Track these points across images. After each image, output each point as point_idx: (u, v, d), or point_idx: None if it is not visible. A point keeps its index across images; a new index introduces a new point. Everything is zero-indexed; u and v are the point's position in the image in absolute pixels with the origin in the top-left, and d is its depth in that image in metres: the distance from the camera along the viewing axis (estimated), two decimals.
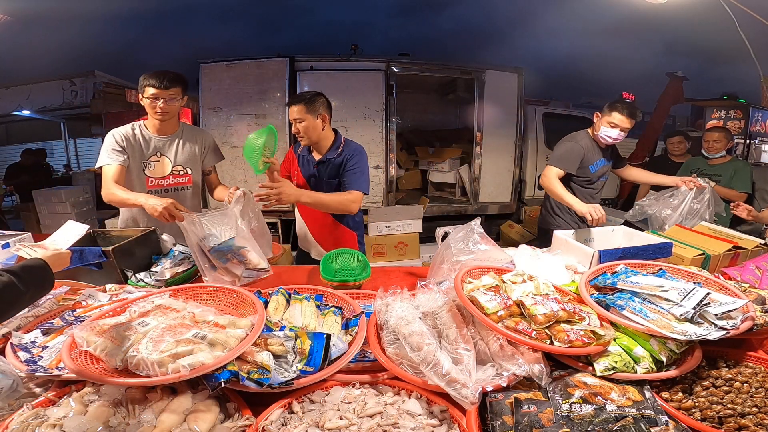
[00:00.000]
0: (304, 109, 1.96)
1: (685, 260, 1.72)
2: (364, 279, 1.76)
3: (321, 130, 2.03)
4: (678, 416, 0.94)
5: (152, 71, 1.88)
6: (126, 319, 1.13)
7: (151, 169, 2.01)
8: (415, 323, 1.11)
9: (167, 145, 2.03)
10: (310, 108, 1.97)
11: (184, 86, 1.94)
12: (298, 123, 1.98)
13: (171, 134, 2.04)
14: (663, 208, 2.35)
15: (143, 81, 1.88)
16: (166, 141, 2.03)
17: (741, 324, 1.10)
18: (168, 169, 2.04)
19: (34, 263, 1.11)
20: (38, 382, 1.04)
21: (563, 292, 1.32)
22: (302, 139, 2.04)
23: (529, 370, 1.01)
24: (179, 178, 2.08)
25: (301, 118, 1.97)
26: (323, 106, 2.02)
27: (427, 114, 6.82)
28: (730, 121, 9.72)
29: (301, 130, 1.99)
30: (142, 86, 1.89)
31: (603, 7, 6.51)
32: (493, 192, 5.43)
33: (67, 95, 6.80)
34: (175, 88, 1.89)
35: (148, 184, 2.02)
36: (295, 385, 1.02)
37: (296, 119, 1.98)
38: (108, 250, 1.61)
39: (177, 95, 1.92)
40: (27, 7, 4.78)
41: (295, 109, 1.97)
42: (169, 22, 12.45)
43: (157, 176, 2.03)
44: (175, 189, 2.08)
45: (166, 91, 1.87)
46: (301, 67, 4.58)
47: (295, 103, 1.98)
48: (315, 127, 2.00)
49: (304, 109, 1.96)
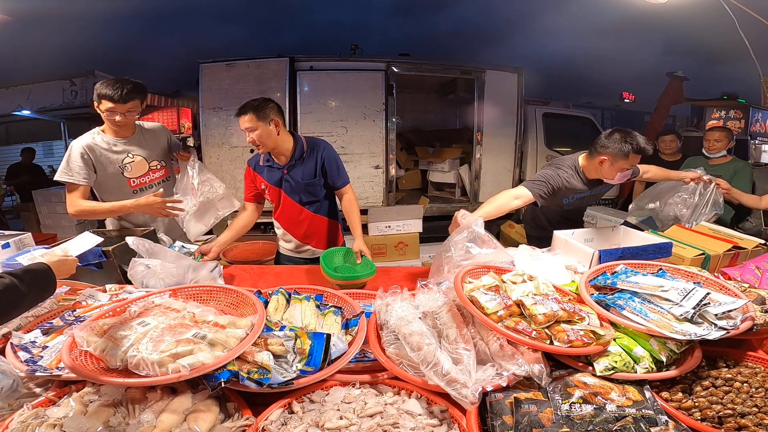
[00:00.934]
0: (254, 117, 1.87)
1: (685, 260, 1.72)
2: (368, 276, 1.76)
3: (276, 135, 1.96)
4: (678, 416, 0.94)
5: (107, 79, 1.83)
6: (126, 319, 1.13)
7: (129, 171, 2.02)
8: (415, 323, 1.11)
9: (134, 146, 2.03)
10: (261, 115, 1.88)
11: (142, 96, 1.91)
12: (251, 132, 1.90)
13: (132, 135, 2.04)
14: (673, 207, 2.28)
15: (98, 89, 1.82)
16: (130, 142, 2.03)
17: (741, 324, 1.10)
18: (145, 166, 2.06)
19: (37, 267, 1.11)
20: (38, 382, 1.04)
21: (563, 292, 1.32)
22: (259, 148, 1.98)
23: (529, 370, 1.01)
24: (158, 172, 2.12)
25: (253, 127, 1.89)
26: (274, 111, 1.93)
27: (427, 114, 6.82)
28: (730, 121, 9.73)
29: (256, 139, 1.92)
30: (97, 96, 1.83)
31: (603, 7, 6.51)
32: (493, 192, 5.36)
33: (67, 95, 6.79)
34: (134, 100, 1.86)
35: (130, 185, 2.03)
36: (295, 385, 1.02)
37: (248, 128, 1.90)
38: (108, 250, 1.61)
39: (135, 107, 1.89)
40: (27, 7, 4.78)
41: (246, 119, 1.89)
42: (169, 22, 12.44)
43: (138, 175, 2.05)
44: (157, 183, 2.11)
45: (123, 105, 1.84)
46: (301, 67, 4.58)
47: (244, 112, 1.89)
48: (269, 133, 1.92)
49: (254, 117, 1.87)
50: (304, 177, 2.07)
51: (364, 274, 1.77)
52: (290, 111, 4.54)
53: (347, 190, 2.15)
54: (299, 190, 2.11)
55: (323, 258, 1.87)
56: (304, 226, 2.20)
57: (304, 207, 2.15)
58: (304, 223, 2.19)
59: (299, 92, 4.55)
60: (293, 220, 2.20)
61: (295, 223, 2.20)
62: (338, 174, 2.11)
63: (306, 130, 4.60)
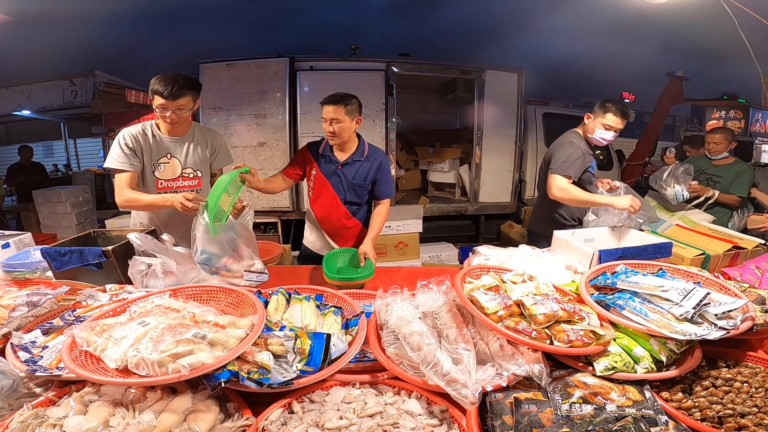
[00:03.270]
0: (343, 111, 1.97)
1: (685, 260, 1.73)
2: (365, 277, 1.76)
3: (353, 132, 2.07)
4: (678, 416, 0.94)
5: (161, 75, 1.80)
6: (126, 319, 1.13)
7: (161, 171, 1.97)
8: (415, 323, 1.11)
9: (178, 147, 1.99)
10: (350, 110, 1.99)
11: (195, 92, 1.87)
12: (335, 123, 1.98)
13: (182, 135, 2.00)
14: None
15: (151, 85, 1.81)
16: (177, 143, 1.99)
17: (741, 324, 1.10)
18: (178, 171, 2.00)
19: None
20: (38, 382, 1.04)
21: (563, 292, 1.32)
22: (334, 139, 2.04)
23: (529, 370, 1.01)
24: (189, 180, 2.04)
25: (338, 119, 1.97)
26: (359, 109, 2.05)
27: (427, 114, 6.82)
28: (730, 121, 9.73)
29: (337, 131, 2.00)
30: (150, 91, 1.82)
31: (603, 7, 6.51)
32: (493, 192, 5.42)
33: (67, 95, 6.80)
34: (185, 97, 1.81)
35: (157, 186, 1.98)
36: (295, 385, 1.02)
37: (333, 119, 1.98)
38: (108, 250, 1.61)
39: (187, 104, 1.85)
40: (27, 7, 4.78)
41: (334, 109, 1.97)
42: (169, 22, 12.44)
43: (167, 178, 1.99)
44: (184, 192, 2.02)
45: (174, 102, 1.79)
46: (301, 67, 4.58)
47: (336, 103, 1.97)
48: (350, 128, 2.03)
49: (343, 110, 1.97)
50: (356, 177, 2.13)
51: (361, 276, 1.77)
52: (290, 111, 4.54)
53: (386, 202, 2.21)
54: (346, 188, 2.15)
55: (326, 258, 1.88)
56: (339, 224, 2.22)
57: (345, 205, 2.19)
58: (340, 220, 2.21)
59: (299, 92, 4.54)
60: (330, 215, 2.22)
61: (331, 218, 2.22)
62: (386, 185, 2.20)
63: (306, 130, 4.60)
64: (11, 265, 1.68)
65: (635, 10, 4.20)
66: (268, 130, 4.59)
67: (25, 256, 1.75)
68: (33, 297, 1.34)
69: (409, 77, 5.03)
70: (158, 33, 12.48)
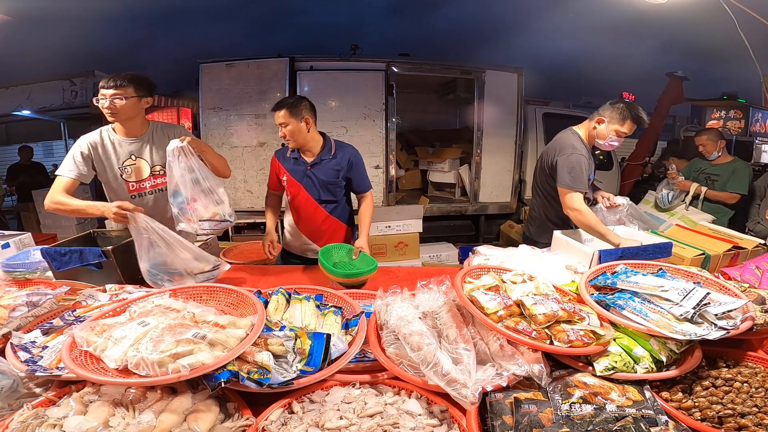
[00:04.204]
0: (288, 114, 2.02)
1: (685, 260, 1.73)
2: (370, 272, 1.76)
3: (306, 132, 2.09)
4: (678, 416, 0.94)
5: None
6: (126, 319, 1.13)
7: (128, 174, 1.95)
8: (415, 323, 1.11)
9: (140, 148, 1.96)
10: (294, 112, 2.03)
11: (139, 87, 1.85)
12: (284, 127, 2.05)
13: (141, 136, 1.96)
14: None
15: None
16: (138, 143, 1.95)
17: (741, 324, 1.10)
18: (146, 171, 1.98)
19: None
20: (38, 382, 1.04)
21: (563, 292, 1.32)
22: (289, 142, 2.10)
23: (529, 370, 1.01)
24: (161, 177, 2.00)
25: (285, 122, 2.03)
26: (306, 109, 2.07)
27: (427, 114, 6.82)
28: (730, 121, 9.73)
29: (288, 134, 2.05)
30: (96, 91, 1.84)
31: (602, 7, 6.50)
32: (493, 192, 5.43)
33: (67, 95, 6.78)
34: (124, 88, 1.80)
35: (129, 189, 1.96)
36: (295, 385, 1.02)
37: (281, 123, 2.05)
38: (108, 250, 1.61)
39: (125, 94, 1.82)
40: (27, 7, 4.77)
41: (280, 114, 2.03)
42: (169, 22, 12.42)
43: (137, 179, 1.97)
44: (159, 190, 2.01)
45: (108, 91, 1.80)
46: (301, 67, 4.58)
47: (279, 108, 2.04)
48: (300, 130, 2.06)
49: (288, 113, 2.02)
50: (327, 176, 2.16)
51: (366, 271, 1.75)
52: None
53: (368, 195, 2.26)
54: (319, 188, 2.17)
55: (321, 253, 1.87)
56: (317, 224, 2.23)
57: (321, 205, 2.20)
58: (317, 220, 2.23)
59: (299, 92, 4.54)
60: (307, 217, 2.24)
61: (308, 219, 2.23)
62: (362, 179, 2.25)
63: None
64: (11, 265, 1.68)
65: (635, 10, 4.20)
66: (268, 130, 4.59)
67: (25, 256, 1.75)
68: (33, 297, 1.34)
69: (409, 77, 5.03)
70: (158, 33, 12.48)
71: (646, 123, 2.07)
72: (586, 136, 2.14)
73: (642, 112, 2.01)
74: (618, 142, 2.09)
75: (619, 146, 2.15)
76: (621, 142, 2.11)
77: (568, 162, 2.03)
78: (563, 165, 2.04)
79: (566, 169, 2.03)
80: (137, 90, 1.85)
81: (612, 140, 2.07)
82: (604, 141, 2.08)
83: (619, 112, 2.01)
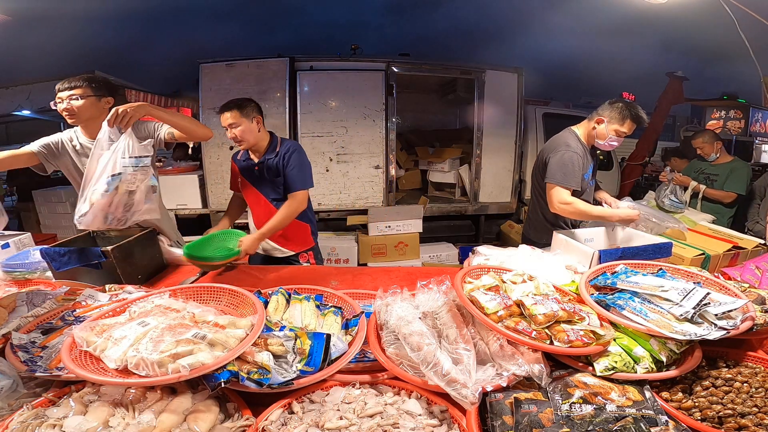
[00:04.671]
0: (238, 114, 2.01)
1: (685, 260, 1.73)
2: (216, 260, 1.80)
3: (257, 132, 2.09)
4: (678, 416, 0.94)
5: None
6: (126, 319, 1.13)
7: None
8: (415, 323, 1.11)
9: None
10: (244, 112, 2.02)
11: (94, 86, 1.83)
12: (234, 128, 2.02)
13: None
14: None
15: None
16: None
17: (741, 324, 1.10)
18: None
19: None
20: (38, 382, 1.04)
21: (563, 292, 1.32)
22: (240, 143, 2.09)
23: (529, 370, 1.01)
24: None
25: (236, 123, 2.01)
26: (255, 109, 2.07)
27: (427, 114, 6.82)
28: (730, 121, 9.74)
29: (238, 135, 2.04)
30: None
31: (603, 7, 6.51)
32: (493, 192, 5.43)
33: None
34: (78, 88, 1.79)
35: None
36: (295, 385, 1.02)
37: (231, 125, 2.02)
38: (108, 250, 1.61)
39: (81, 94, 1.80)
40: (27, 7, 4.78)
41: (229, 115, 2.01)
42: (169, 22, 12.45)
43: None
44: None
45: (64, 93, 1.78)
46: (301, 67, 4.58)
47: (228, 109, 2.02)
48: (251, 130, 2.06)
49: (238, 113, 2.01)
50: (271, 174, 2.15)
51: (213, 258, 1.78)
52: (290, 111, 4.54)
53: (296, 195, 2.11)
54: (267, 186, 2.18)
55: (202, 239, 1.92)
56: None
57: (271, 203, 2.20)
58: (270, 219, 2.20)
59: (299, 92, 4.54)
60: (261, 216, 2.23)
61: (263, 218, 2.19)
62: (295, 176, 2.10)
63: (306, 130, 4.60)
64: (11, 265, 1.68)
65: (635, 10, 4.20)
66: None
67: (25, 256, 1.75)
68: (33, 297, 1.34)
69: (409, 77, 5.03)
70: (158, 33, 12.50)
71: (645, 122, 2.06)
72: (585, 136, 2.15)
73: (641, 112, 2.01)
74: (618, 141, 2.08)
75: (618, 146, 2.14)
76: (621, 141, 2.10)
77: (560, 159, 2.03)
78: (555, 162, 2.04)
79: (558, 166, 2.03)
80: (95, 90, 1.83)
81: (612, 140, 2.06)
82: (604, 141, 2.08)
83: (618, 112, 2.01)
